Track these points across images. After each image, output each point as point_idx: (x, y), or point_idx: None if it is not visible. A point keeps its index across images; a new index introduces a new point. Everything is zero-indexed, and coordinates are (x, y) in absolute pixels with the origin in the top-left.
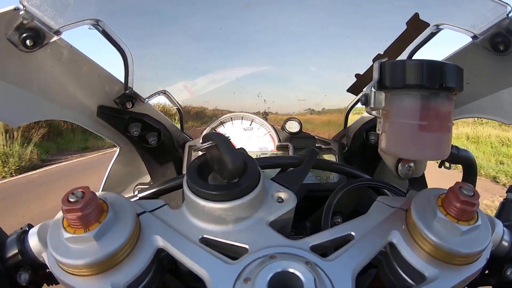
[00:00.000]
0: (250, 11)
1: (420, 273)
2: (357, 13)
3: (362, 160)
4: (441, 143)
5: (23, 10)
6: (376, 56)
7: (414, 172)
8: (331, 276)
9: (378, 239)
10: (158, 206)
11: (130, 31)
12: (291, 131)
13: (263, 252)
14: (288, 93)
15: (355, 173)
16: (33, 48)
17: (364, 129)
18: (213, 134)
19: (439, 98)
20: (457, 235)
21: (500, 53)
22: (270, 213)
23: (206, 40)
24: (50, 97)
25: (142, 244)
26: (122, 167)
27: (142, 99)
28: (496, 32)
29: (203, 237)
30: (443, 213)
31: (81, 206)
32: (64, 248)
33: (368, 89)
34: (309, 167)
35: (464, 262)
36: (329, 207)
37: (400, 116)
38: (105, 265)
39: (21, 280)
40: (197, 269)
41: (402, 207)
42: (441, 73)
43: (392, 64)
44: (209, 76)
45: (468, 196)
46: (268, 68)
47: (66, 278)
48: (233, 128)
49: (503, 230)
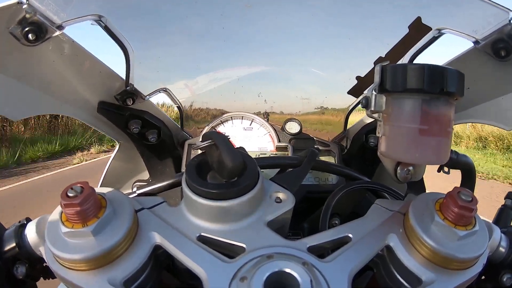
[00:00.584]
0: (252, 11)
1: (417, 277)
2: (358, 14)
3: (361, 163)
4: (440, 148)
5: (26, 4)
6: (377, 59)
7: (413, 176)
8: (328, 277)
9: (375, 241)
10: (157, 203)
11: (132, 28)
12: (291, 132)
13: (260, 252)
14: (288, 93)
15: (354, 175)
16: (35, 42)
17: (364, 132)
18: (213, 133)
19: (439, 102)
20: (455, 240)
21: (501, 59)
22: (268, 213)
23: (208, 39)
24: (51, 91)
25: (139, 241)
26: (121, 163)
27: (142, 96)
28: (498, 38)
29: (200, 235)
30: (441, 218)
31: (79, 201)
32: (62, 243)
33: (369, 92)
34: (308, 168)
35: (460, 267)
36: (327, 208)
37: (400, 120)
38: (102, 261)
39: (18, 273)
40: (194, 267)
41: (400, 211)
42: (442, 78)
43: (393, 68)
44: (210, 75)
45: (466, 201)
46: (269, 68)
47: (63, 272)
48: (233, 127)
49: (501, 236)
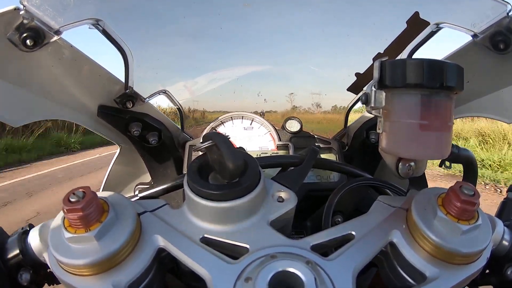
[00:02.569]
0: (250, 10)
1: (421, 272)
2: (357, 12)
3: (363, 159)
4: (441, 142)
5: (23, 10)
6: (376, 55)
7: (415, 171)
8: (332, 276)
9: (379, 238)
10: (159, 206)
11: (130, 31)
12: (292, 130)
13: (264, 252)
14: (288, 92)
15: (355, 172)
16: (34, 48)
17: (364, 128)
18: (213, 133)
19: (439, 97)
20: (458, 235)
21: (500, 52)
22: (270, 212)
23: (206, 39)
24: (51, 97)
25: (143, 244)
26: (122, 166)
27: (142, 99)
28: (496, 31)
29: (203, 237)
30: (443, 213)
31: (82, 206)
32: (65, 248)
33: (368, 88)
34: (309, 167)
35: (464, 262)
36: (329, 206)
37: (401, 115)
38: (106, 265)
39: (22, 280)
40: (198, 268)
41: (403, 207)
42: (442, 72)
43: (392, 63)
44: (209, 75)
45: (468, 195)
46: (269, 67)
47: (67, 278)
48: (233, 127)
49: (504, 230)
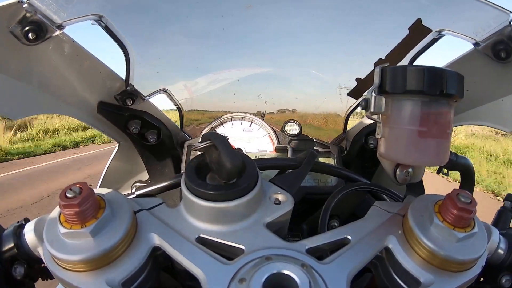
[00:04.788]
0: (252, 12)
1: (415, 278)
2: (358, 15)
3: (361, 164)
4: (440, 149)
5: (26, 3)
6: (377, 61)
7: (412, 177)
8: (326, 279)
9: (374, 243)
10: (155, 204)
11: (133, 28)
12: (291, 133)
13: (259, 253)
14: (288, 94)
15: (353, 177)
16: (35, 41)
17: (363, 133)
18: (212, 134)
19: (439, 104)
20: (453, 242)
21: (501, 61)
22: (267, 214)
23: (208, 40)
24: (51, 91)
25: (138, 242)
26: (120, 163)
27: (142, 97)
28: (498, 40)
29: (199, 237)
30: (440, 220)
31: (78, 201)
32: (60, 243)
33: (368, 94)
34: (307, 170)
35: (459, 269)
36: (326, 210)
37: (400, 122)
38: (100, 262)
39: (16, 273)
40: (192, 268)
41: (399, 213)
42: (442, 80)
43: (393, 70)
44: (210, 76)
45: (465, 203)
46: (269, 70)
47: (61, 273)
48: (232, 128)
49: (499, 238)
